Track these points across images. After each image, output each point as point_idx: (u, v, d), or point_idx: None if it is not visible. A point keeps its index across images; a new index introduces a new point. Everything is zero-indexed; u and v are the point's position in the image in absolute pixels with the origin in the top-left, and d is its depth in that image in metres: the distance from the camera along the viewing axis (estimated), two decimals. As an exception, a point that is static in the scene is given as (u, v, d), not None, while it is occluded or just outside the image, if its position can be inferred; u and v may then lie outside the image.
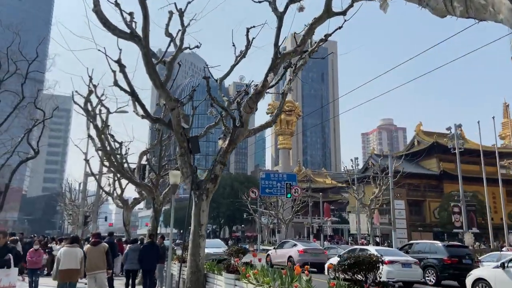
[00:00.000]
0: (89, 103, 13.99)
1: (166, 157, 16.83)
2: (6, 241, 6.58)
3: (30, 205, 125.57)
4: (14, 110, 18.34)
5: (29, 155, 19.86)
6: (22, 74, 18.95)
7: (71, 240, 9.01)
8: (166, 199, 14.99)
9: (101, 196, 31.66)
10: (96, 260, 8.85)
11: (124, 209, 19.25)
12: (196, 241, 8.19)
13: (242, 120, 8.01)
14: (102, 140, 13.62)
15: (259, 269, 6.02)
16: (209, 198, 8.49)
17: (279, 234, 46.78)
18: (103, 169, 20.38)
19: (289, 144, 67.54)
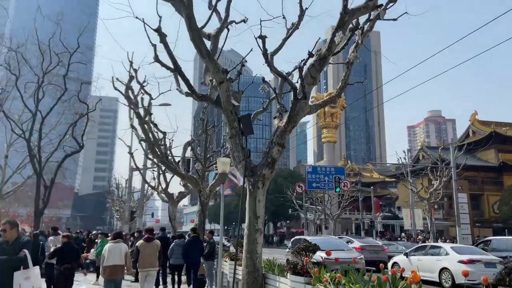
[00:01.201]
0: (130, 90, 13.20)
1: (211, 149, 15.91)
2: (19, 234, 4.88)
3: (82, 202, 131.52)
4: (57, 102, 18.15)
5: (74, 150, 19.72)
6: (65, 69, 18.77)
7: (114, 235, 8.72)
8: (213, 192, 13.94)
9: (147, 192, 31.51)
10: (150, 257, 8.74)
11: (170, 204, 18.55)
12: (252, 236, 6.96)
13: (305, 90, 6.65)
14: (145, 129, 12.78)
15: (341, 272, 4.65)
16: (265, 186, 7.22)
17: (327, 230, 44.92)
18: (147, 162, 19.81)
19: (334, 138, 65.21)
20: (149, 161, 19.72)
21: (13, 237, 4.71)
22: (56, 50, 17.80)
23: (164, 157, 13.19)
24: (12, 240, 4.68)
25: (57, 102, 18.32)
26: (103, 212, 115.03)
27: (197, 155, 13.88)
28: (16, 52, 17.96)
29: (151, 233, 9.44)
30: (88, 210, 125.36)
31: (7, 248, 4.60)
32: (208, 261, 11.23)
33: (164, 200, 19.55)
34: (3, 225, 4.73)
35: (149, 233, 9.40)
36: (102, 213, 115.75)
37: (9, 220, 4.92)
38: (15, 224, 4.84)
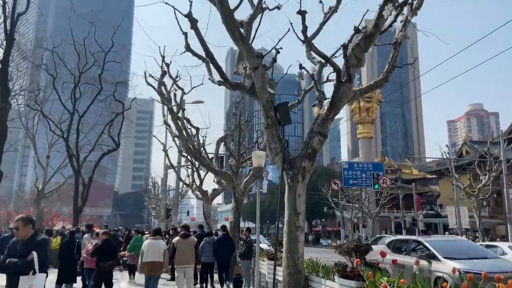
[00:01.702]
0: (163, 86, 12.95)
1: (244, 145, 15.50)
2: (35, 232, 4.10)
3: (121, 201, 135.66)
4: (93, 100, 18.34)
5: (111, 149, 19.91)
6: (101, 68, 18.99)
7: (154, 232, 8.80)
8: (247, 188, 13.47)
9: (182, 189, 31.62)
10: (187, 254, 8.68)
11: (204, 201, 18.30)
12: (292, 235, 6.39)
13: (349, 72, 6.00)
14: (178, 125, 12.49)
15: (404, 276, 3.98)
16: (306, 180, 6.63)
17: (365, 228, 43.57)
18: (181, 160, 19.68)
19: (370, 133, 63.23)
20: (183, 159, 19.60)
21: (27, 235, 4.18)
22: (92, 49, 17.99)
23: (197, 153, 12.86)
24: (25, 238, 4.16)
25: (93, 101, 18.55)
26: (141, 210, 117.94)
27: (231, 150, 13.45)
28: (53, 52, 18.33)
29: (187, 230, 9.33)
30: (128, 208, 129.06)
31: (20, 248, 4.10)
32: (245, 260, 10.80)
33: (198, 197, 19.35)
34: (16, 222, 4.25)
35: (185, 229, 9.30)
36: (141, 211, 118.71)
37: (22, 217, 4.34)
38: (29, 220, 4.28)
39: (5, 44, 10.72)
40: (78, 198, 16.87)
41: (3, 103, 10.37)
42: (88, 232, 10.03)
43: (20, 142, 31.69)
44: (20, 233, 4.18)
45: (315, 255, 10.36)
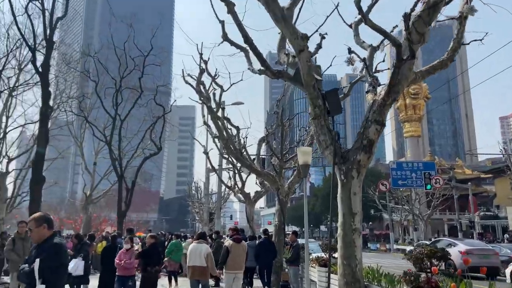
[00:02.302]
0: (202, 85, 12.54)
1: (286, 145, 14.81)
2: (52, 234, 3.36)
3: (167, 206, 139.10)
4: (134, 104, 18.37)
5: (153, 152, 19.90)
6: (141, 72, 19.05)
7: (198, 236, 8.53)
8: (292, 189, 12.72)
9: (224, 193, 31.37)
10: (239, 259, 8.49)
11: (246, 204, 17.75)
12: (348, 238, 5.59)
13: (412, 47, 5.14)
14: (218, 125, 11.99)
15: None
16: (361, 175, 5.81)
17: (416, 232, 41.23)
18: (222, 162, 19.28)
19: (418, 132, 60.34)
20: (224, 161, 19.19)
21: (41, 238, 3.47)
22: (133, 53, 18.07)
23: (238, 153, 12.30)
24: (41, 241, 3.47)
25: (133, 105, 18.62)
26: (185, 215, 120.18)
27: (273, 149, 12.77)
28: (94, 58, 18.64)
29: (239, 233, 8.97)
30: (173, 213, 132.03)
31: (34, 254, 3.42)
32: (293, 266, 10.08)
33: (241, 200, 18.84)
34: (28, 222, 3.62)
35: (236, 233, 8.93)
36: (185, 216, 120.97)
37: (35, 216, 3.60)
38: (43, 220, 3.53)
39: (46, 48, 10.72)
40: (122, 202, 16.88)
41: (44, 107, 10.36)
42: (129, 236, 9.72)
43: (72, 150, 32.74)
44: (34, 235, 3.51)
45: (367, 260, 9.48)
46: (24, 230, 8.42)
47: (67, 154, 35.83)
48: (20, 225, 8.74)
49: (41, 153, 10.15)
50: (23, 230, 8.54)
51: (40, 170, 10.15)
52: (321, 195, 64.60)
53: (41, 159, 10.22)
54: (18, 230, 8.71)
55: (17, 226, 9.34)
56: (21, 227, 8.61)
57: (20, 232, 8.60)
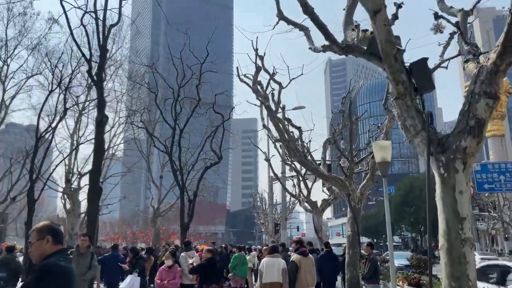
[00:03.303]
0: (259, 85, 11.62)
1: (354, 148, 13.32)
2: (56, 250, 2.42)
3: (233, 218, 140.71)
4: (192, 112, 17.99)
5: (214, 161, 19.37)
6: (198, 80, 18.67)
7: (271, 249, 7.66)
8: (365, 194, 11.20)
9: (289, 203, 30.11)
10: (310, 275, 7.60)
11: (314, 214, 16.41)
12: (456, 252, 4.15)
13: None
14: (278, 126, 10.94)
15: None
16: (469, 167, 4.38)
17: (507, 241, 36.53)
18: (285, 169, 18.15)
19: (501, 130, 54.46)
20: (287, 168, 18.07)
21: (42, 255, 2.57)
22: (190, 62, 17.79)
23: (302, 156, 11.10)
24: (40, 260, 2.56)
25: (191, 113, 18.27)
26: (252, 226, 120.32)
27: (341, 150, 11.37)
28: (152, 68, 18.71)
29: (304, 246, 7.95)
30: (239, 225, 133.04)
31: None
32: (371, 284, 8.60)
33: (307, 210, 17.52)
34: (30, 234, 2.63)
35: (301, 245, 7.87)
36: (252, 227, 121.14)
37: (38, 227, 2.69)
38: (48, 231, 2.63)
39: (99, 56, 10.51)
40: (184, 214, 16.44)
41: (100, 115, 10.07)
42: (186, 250, 8.89)
43: (143, 164, 33.64)
44: (33, 251, 2.61)
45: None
46: (85, 245, 7.43)
47: (139, 169, 36.91)
48: (82, 239, 7.57)
49: (97, 163, 9.85)
50: (84, 245, 7.47)
51: (97, 180, 9.84)
52: (393, 203, 60.60)
53: (97, 169, 9.91)
54: (79, 243, 7.55)
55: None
56: (82, 240, 7.50)
57: (81, 246, 7.44)
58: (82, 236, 7.64)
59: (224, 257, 15.29)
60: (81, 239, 7.49)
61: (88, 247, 7.39)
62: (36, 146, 17.73)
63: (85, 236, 7.58)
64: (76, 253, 7.25)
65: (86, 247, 7.35)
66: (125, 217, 69.28)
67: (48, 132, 18.75)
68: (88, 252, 7.29)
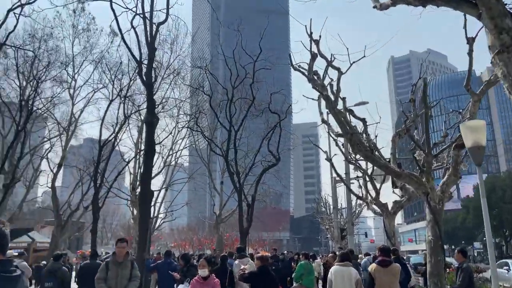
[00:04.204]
0: (316, 75, 10.52)
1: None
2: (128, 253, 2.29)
3: (297, 225, 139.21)
4: (247, 113, 17.30)
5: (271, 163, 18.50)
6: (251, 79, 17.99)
7: (342, 257, 6.79)
8: (447, 192, 9.53)
9: (355, 207, 28.24)
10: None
11: (384, 217, 14.76)
12: None
13: None
14: (339, 118, 9.73)
15: None
16: None
17: None
18: (349, 169, 16.72)
19: None
20: (352, 168, 16.63)
21: None
22: (245, 62, 17.17)
23: (367, 151, 9.76)
24: None
25: (247, 113, 17.59)
26: (317, 233, 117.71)
27: (416, 141, 9.84)
28: (205, 69, 18.39)
29: (387, 254, 6.72)
30: (304, 231, 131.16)
31: None
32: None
33: (376, 212, 15.89)
34: None
35: (383, 254, 6.71)
36: (316, 234, 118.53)
37: None
38: None
39: (148, 55, 10.14)
40: (243, 218, 15.71)
41: (150, 116, 9.64)
42: (239, 257, 7.99)
43: (206, 171, 33.89)
44: None
45: None
46: (123, 253, 6.31)
47: (203, 176, 37.18)
48: (118, 246, 6.36)
49: (147, 165, 9.41)
50: (121, 253, 6.29)
51: (148, 183, 9.40)
52: (472, 206, 55.37)
53: (148, 171, 9.47)
54: (116, 251, 6.39)
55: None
56: (119, 247, 6.32)
57: (118, 254, 6.29)
58: (118, 242, 6.49)
59: (287, 264, 14.29)
60: (117, 246, 6.36)
61: (127, 255, 6.38)
62: (99, 155, 18.15)
63: (122, 242, 6.47)
64: (112, 262, 6.27)
65: (125, 255, 6.34)
66: (192, 224, 70.90)
67: (110, 141, 19.13)
68: (127, 261, 6.32)
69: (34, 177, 32.12)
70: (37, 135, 32.74)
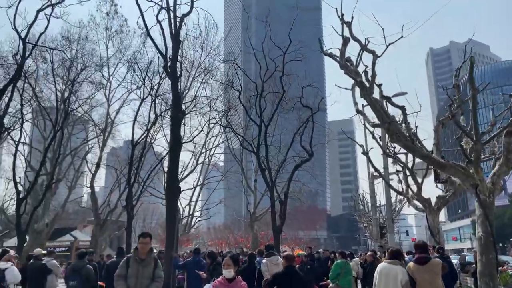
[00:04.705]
0: (349, 62, 9.84)
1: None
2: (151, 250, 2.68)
3: (335, 223, 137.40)
4: (277, 107, 16.77)
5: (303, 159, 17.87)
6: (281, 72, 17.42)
7: (391, 254, 6.20)
8: (499, 184, 8.59)
9: (394, 203, 27.01)
10: (431, 286, 5.77)
11: (427, 213, 13.80)
12: None
13: None
14: (374, 105, 9.01)
15: None
16: None
17: None
18: (387, 162, 15.79)
19: None
20: (390, 161, 15.70)
21: None
22: (274, 53, 16.64)
23: (407, 140, 8.98)
24: None
25: (277, 107, 17.06)
26: (355, 231, 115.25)
27: (462, 128, 8.93)
28: (233, 63, 18.06)
29: (424, 251, 6.02)
30: (342, 230, 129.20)
31: None
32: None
33: (418, 208, 14.92)
34: None
35: (419, 250, 6.12)
36: (354, 232, 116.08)
37: None
38: None
39: (172, 47, 9.88)
40: (276, 216, 15.21)
41: (175, 110, 9.37)
42: (267, 255, 7.47)
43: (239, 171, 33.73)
44: None
45: None
46: (146, 249, 5.61)
47: (238, 174, 37.08)
48: (141, 241, 5.61)
49: (174, 160, 9.13)
50: (144, 249, 5.57)
51: (175, 177, 9.11)
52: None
53: (174, 166, 9.20)
54: (138, 247, 5.62)
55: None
56: (142, 243, 5.58)
57: (140, 250, 5.55)
58: (141, 237, 5.67)
59: (323, 263, 13.65)
60: (140, 242, 5.60)
61: (150, 252, 5.67)
62: (132, 154, 18.25)
63: (145, 237, 5.67)
64: (133, 259, 5.56)
65: (148, 252, 5.63)
66: (228, 222, 71.23)
67: (142, 140, 19.22)
68: (150, 259, 5.62)
69: (76, 177, 33.15)
70: (77, 138, 33.77)
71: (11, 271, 6.95)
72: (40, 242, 24.59)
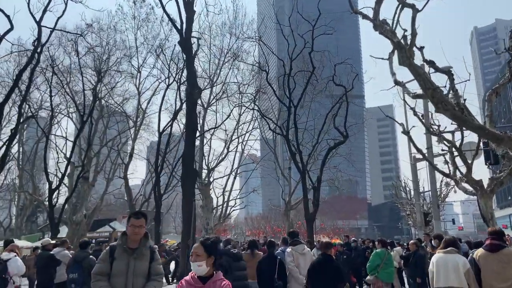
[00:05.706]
0: (381, 22, 8.55)
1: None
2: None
3: (375, 212, 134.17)
4: (306, 85, 15.59)
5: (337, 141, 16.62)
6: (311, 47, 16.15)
7: (446, 243, 5.52)
8: None
9: (439, 189, 25.06)
10: (498, 277, 5.02)
11: (478, 197, 12.23)
12: None
13: None
14: (413, 67, 7.73)
15: None
16: None
17: None
18: (431, 141, 14.23)
19: None
20: (434, 140, 14.12)
21: None
22: (302, 29, 15.42)
23: (455, 110, 7.64)
24: None
25: (306, 84, 15.89)
26: (397, 220, 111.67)
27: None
28: (260, 41, 17.06)
29: (498, 237, 5.30)
30: (384, 219, 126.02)
31: None
32: None
33: (467, 192, 13.31)
34: None
35: (493, 236, 5.37)
36: (397, 221, 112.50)
37: None
38: None
39: (186, 21, 9.06)
40: (308, 203, 14.17)
41: (190, 87, 8.58)
42: (292, 243, 6.47)
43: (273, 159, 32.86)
44: None
45: None
46: (140, 235, 3.96)
47: (272, 163, 36.24)
48: (132, 223, 3.91)
49: (189, 142, 8.35)
50: (137, 235, 3.93)
51: (191, 163, 8.36)
52: None
53: (190, 149, 8.41)
54: (127, 231, 3.98)
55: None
56: (133, 225, 3.90)
57: (130, 236, 3.93)
58: (132, 217, 3.97)
59: (361, 252, 12.52)
60: (131, 224, 3.91)
61: (145, 240, 3.99)
62: (159, 142, 17.81)
63: (138, 217, 3.97)
64: (121, 249, 3.92)
65: (142, 240, 3.97)
66: (265, 212, 70.84)
67: (168, 127, 18.75)
68: (145, 249, 3.96)
69: (113, 169, 33.56)
70: (115, 130, 34.10)
71: (14, 261, 6.45)
72: (79, 233, 24.98)
